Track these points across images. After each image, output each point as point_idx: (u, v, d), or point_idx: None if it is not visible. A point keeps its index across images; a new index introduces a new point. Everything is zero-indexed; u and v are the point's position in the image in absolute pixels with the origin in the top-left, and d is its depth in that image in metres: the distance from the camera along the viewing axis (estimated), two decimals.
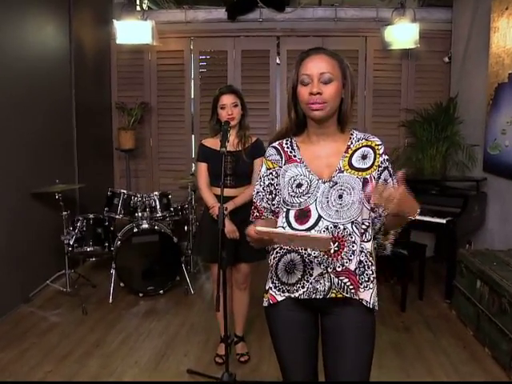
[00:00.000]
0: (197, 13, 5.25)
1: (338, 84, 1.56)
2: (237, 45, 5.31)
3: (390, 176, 1.64)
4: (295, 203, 1.60)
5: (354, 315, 1.60)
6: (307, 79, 1.55)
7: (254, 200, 1.74)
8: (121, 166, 5.47)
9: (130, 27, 4.74)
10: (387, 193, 1.38)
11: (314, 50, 1.60)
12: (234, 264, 2.87)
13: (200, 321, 3.61)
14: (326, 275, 1.56)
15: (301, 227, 1.58)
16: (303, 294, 1.59)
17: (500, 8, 3.74)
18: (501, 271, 3.11)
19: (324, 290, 1.56)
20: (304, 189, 1.60)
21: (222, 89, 2.81)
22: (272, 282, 1.68)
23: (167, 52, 5.29)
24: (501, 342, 2.88)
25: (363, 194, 1.56)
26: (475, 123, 4.29)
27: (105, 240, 4.13)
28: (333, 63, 1.56)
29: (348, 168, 1.60)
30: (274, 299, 1.65)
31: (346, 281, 1.55)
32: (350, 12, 5.12)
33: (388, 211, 1.42)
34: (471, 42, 4.44)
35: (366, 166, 1.60)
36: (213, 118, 2.84)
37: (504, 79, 3.69)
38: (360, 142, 1.64)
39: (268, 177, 1.70)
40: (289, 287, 1.62)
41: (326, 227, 1.55)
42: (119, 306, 3.89)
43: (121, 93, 5.34)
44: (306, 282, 1.58)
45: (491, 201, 4.01)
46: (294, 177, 1.63)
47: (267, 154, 1.73)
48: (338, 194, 1.57)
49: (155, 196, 4.29)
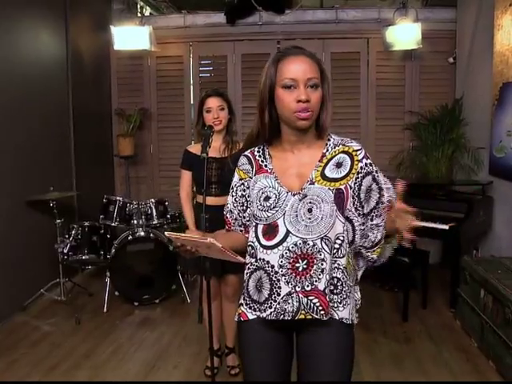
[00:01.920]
0: (196, 17, 5.20)
1: (321, 89, 1.45)
2: (237, 49, 5.24)
3: (375, 181, 1.50)
4: (263, 217, 1.49)
5: (330, 335, 1.47)
6: (291, 83, 1.41)
7: (224, 212, 1.64)
8: (121, 172, 5.42)
9: (128, 33, 4.70)
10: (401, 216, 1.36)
11: (294, 50, 1.47)
12: (221, 276, 2.77)
13: (194, 332, 3.50)
14: (295, 295, 1.44)
15: (269, 243, 1.47)
16: (271, 315, 1.47)
17: (503, 4, 3.59)
18: (505, 280, 2.95)
19: (292, 311, 1.44)
20: (272, 202, 1.48)
21: (208, 91, 2.72)
22: (243, 299, 1.57)
23: (166, 57, 5.25)
24: (505, 356, 2.72)
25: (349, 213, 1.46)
26: (481, 125, 4.13)
27: (100, 248, 4.08)
28: (315, 66, 1.44)
29: (320, 179, 1.47)
30: (245, 317, 1.54)
31: (316, 301, 1.43)
32: (351, 13, 5.01)
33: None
34: (475, 41, 4.29)
35: (340, 176, 1.47)
36: (199, 123, 2.74)
37: (509, 78, 3.54)
38: (336, 149, 1.51)
39: (240, 187, 1.59)
40: (259, 306, 1.50)
41: (295, 243, 1.43)
42: (114, 315, 3.81)
43: (120, 99, 5.30)
44: (274, 301, 1.46)
45: (498, 205, 3.84)
46: (263, 189, 1.51)
47: (239, 163, 1.61)
48: (307, 207, 1.44)
49: (151, 203, 4.22)
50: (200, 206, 2.68)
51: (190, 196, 2.79)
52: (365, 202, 1.50)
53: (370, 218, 1.51)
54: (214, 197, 2.66)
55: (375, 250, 1.53)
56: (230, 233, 1.63)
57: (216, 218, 2.58)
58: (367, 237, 1.52)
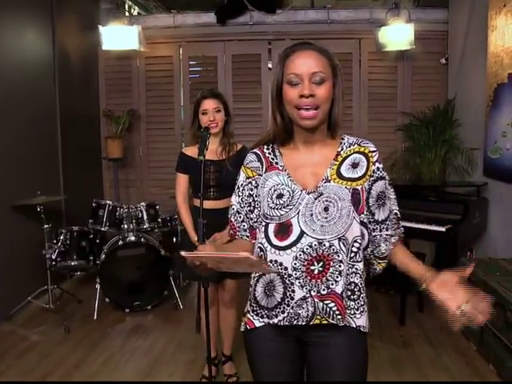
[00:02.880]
0: (185, 17, 5.11)
1: (330, 84, 1.38)
2: (227, 49, 5.16)
3: (386, 187, 1.47)
4: (275, 216, 1.41)
5: (343, 346, 1.41)
6: (296, 79, 1.35)
7: (229, 215, 1.54)
8: (110, 175, 5.30)
9: (116, 33, 4.59)
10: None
11: (301, 46, 1.41)
12: (219, 281, 2.69)
13: (188, 339, 3.41)
14: (310, 299, 1.37)
15: (281, 243, 1.39)
16: (283, 320, 1.40)
17: (497, 5, 3.58)
18: (505, 282, 2.92)
19: (307, 316, 1.37)
20: (285, 200, 1.40)
21: (204, 93, 2.63)
22: (250, 305, 1.49)
23: (156, 58, 5.15)
24: (506, 359, 2.69)
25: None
26: (474, 126, 4.11)
27: (90, 253, 3.97)
28: (323, 60, 1.37)
29: (336, 177, 1.41)
30: (252, 324, 1.47)
31: (332, 305, 1.36)
32: (343, 14, 4.97)
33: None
34: (468, 42, 4.28)
35: (357, 176, 1.42)
36: (194, 125, 2.65)
37: (503, 79, 3.52)
38: (351, 148, 1.46)
39: (247, 186, 1.51)
40: (268, 312, 1.43)
41: (310, 244, 1.36)
42: (104, 322, 3.70)
43: (108, 100, 5.18)
44: (287, 306, 1.39)
45: (493, 206, 3.82)
46: (275, 186, 1.43)
47: (246, 160, 1.53)
48: (323, 206, 1.38)
49: (142, 207, 4.13)
50: (197, 210, 2.61)
51: (187, 200, 2.70)
52: (376, 208, 1.46)
53: (384, 227, 1.47)
54: (213, 200, 2.58)
55: (383, 262, 1.50)
56: (236, 242, 1.53)
57: (214, 221, 2.52)
58: (379, 246, 1.48)
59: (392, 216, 1.49)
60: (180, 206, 2.68)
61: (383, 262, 1.50)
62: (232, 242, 1.55)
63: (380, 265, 1.50)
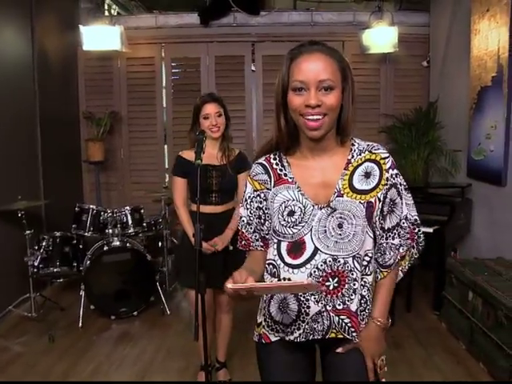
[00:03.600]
0: (168, 18, 5.03)
1: (339, 91, 1.29)
2: (210, 50, 5.11)
3: (399, 195, 1.40)
4: (287, 234, 1.36)
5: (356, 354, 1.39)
6: (301, 86, 1.27)
7: (240, 227, 1.49)
8: (90, 179, 5.18)
9: (98, 33, 4.48)
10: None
11: (308, 47, 1.31)
12: (221, 286, 2.64)
13: (177, 345, 3.36)
14: (325, 313, 1.34)
15: (295, 262, 1.35)
16: (299, 337, 1.37)
17: (480, 10, 3.65)
18: (494, 282, 2.97)
19: (323, 330, 1.35)
20: (297, 217, 1.34)
21: (205, 97, 2.58)
22: (265, 320, 1.45)
23: (137, 59, 5.05)
24: (498, 358, 2.73)
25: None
26: (457, 128, 4.18)
27: (73, 259, 3.86)
28: (332, 64, 1.28)
29: (349, 190, 1.35)
30: (268, 339, 1.44)
31: (347, 321, 1.35)
32: (326, 16, 4.99)
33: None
34: (451, 46, 4.35)
35: (369, 187, 1.36)
36: (194, 129, 2.58)
37: (487, 82, 3.59)
38: (362, 156, 1.39)
39: (256, 199, 1.44)
40: (283, 327, 1.40)
41: (324, 261, 1.33)
42: (90, 330, 3.60)
43: (89, 102, 5.06)
44: (302, 322, 1.36)
45: (477, 207, 3.89)
46: (285, 202, 1.37)
47: (253, 172, 1.46)
48: (337, 222, 1.33)
49: (127, 211, 4.05)
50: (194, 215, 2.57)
51: (186, 204, 2.64)
52: (387, 215, 1.41)
53: (391, 235, 1.42)
54: (214, 205, 2.55)
55: (385, 271, 1.44)
56: (253, 256, 1.49)
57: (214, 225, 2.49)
58: (384, 254, 1.43)
59: (406, 224, 1.43)
60: (180, 210, 2.62)
61: (386, 271, 1.43)
62: (249, 256, 1.50)
63: (382, 273, 1.43)
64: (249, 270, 1.33)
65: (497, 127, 3.48)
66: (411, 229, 1.45)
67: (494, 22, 3.46)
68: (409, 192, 1.44)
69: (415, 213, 1.45)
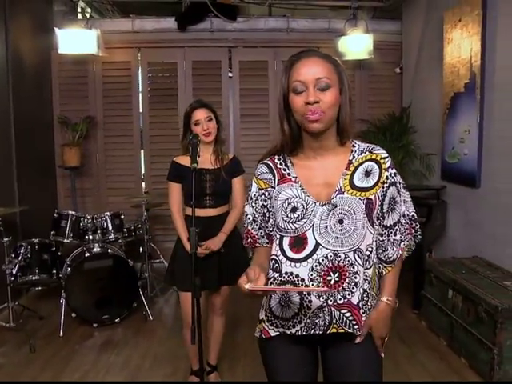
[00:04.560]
0: (144, 22, 5.01)
1: (336, 90, 1.36)
2: (187, 55, 5.12)
3: (398, 193, 1.48)
4: (290, 229, 1.42)
5: (359, 349, 1.44)
6: (301, 87, 1.34)
7: (245, 225, 1.55)
8: (64, 185, 5.08)
9: (74, 36, 4.41)
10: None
11: (306, 53, 1.39)
12: (217, 288, 2.66)
13: (163, 351, 3.33)
14: (326, 308, 1.39)
15: (296, 256, 1.40)
16: (300, 330, 1.41)
17: (453, 19, 3.81)
18: (473, 280, 3.11)
19: (324, 325, 1.40)
20: (299, 213, 1.41)
21: (193, 104, 2.60)
22: (265, 315, 1.49)
23: (113, 63, 5.00)
24: (479, 352, 2.85)
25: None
26: (431, 132, 4.34)
27: (52, 267, 3.76)
28: (328, 67, 1.36)
29: (349, 188, 1.41)
30: (267, 334, 1.48)
31: (349, 315, 1.39)
32: (302, 23, 5.09)
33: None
34: (423, 53, 4.52)
35: (369, 185, 1.42)
36: (186, 136, 2.60)
37: (460, 89, 3.75)
38: (363, 156, 1.45)
39: (260, 198, 1.51)
40: (283, 322, 1.44)
41: (325, 256, 1.38)
42: (72, 339, 3.52)
43: (63, 106, 4.96)
44: (304, 316, 1.41)
45: (452, 209, 4.05)
46: (289, 199, 1.43)
47: (258, 172, 1.52)
48: (337, 218, 1.39)
49: (107, 216, 4.00)
50: (190, 219, 2.57)
51: (181, 210, 2.65)
52: (386, 213, 1.47)
53: (392, 231, 1.49)
54: (209, 208, 2.57)
55: (389, 266, 1.51)
56: (258, 252, 1.55)
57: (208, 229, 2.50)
58: (386, 250, 1.50)
59: (405, 220, 1.50)
60: (175, 216, 2.62)
61: (389, 266, 1.51)
62: (256, 253, 1.55)
63: (386, 269, 1.51)
64: (260, 266, 1.39)
65: (470, 131, 3.64)
66: (409, 224, 1.52)
67: (466, 31, 3.63)
68: (407, 190, 1.52)
69: (412, 209, 1.52)
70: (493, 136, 3.44)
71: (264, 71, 5.17)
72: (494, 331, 2.70)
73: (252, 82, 5.17)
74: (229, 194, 2.70)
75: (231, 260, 2.65)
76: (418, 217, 3.62)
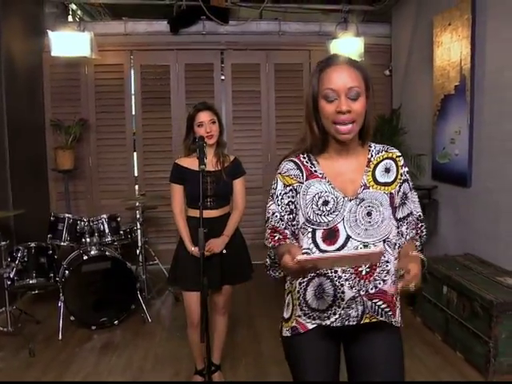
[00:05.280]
0: (137, 25, 5.02)
1: (364, 98, 1.44)
2: (179, 58, 5.15)
3: (410, 189, 1.57)
4: (322, 222, 1.46)
5: (384, 342, 1.50)
6: (333, 94, 1.40)
7: (272, 222, 1.53)
8: (57, 188, 5.06)
9: (67, 39, 4.39)
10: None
11: (335, 60, 1.46)
12: (219, 287, 2.70)
13: (164, 351, 3.36)
14: (359, 299, 1.45)
15: (329, 248, 1.45)
16: (335, 322, 1.47)
17: (442, 23, 3.92)
18: (466, 276, 3.20)
19: (357, 316, 1.45)
20: (331, 206, 1.46)
21: (198, 106, 2.63)
22: (301, 309, 1.52)
23: (105, 66, 5.00)
24: (474, 346, 2.94)
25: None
26: (421, 133, 4.44)
27: (49, 270, 3.74)
28: (357, 75, 1.43)
29: (373, 183, 1.50)
30: (305, 328, 1.52)
31: (381, 303, 1.45)
32: (293, 26, 5.16)
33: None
34: (413, 56, 4.62)
35: (390, 180, 1.52)
36: (188, 137, 2.64)
37: (450, 91, 3.86)
38: (380, 155, 1.55)
39: (287, 194, 1.52)
40: (320, 313, 1.49)
41: (356, 247, 1.44)
42: (71, 342, 3.51)
43: (55, 109, 4.94)
44: (338, 307, 1.46)
45: (443, 208, 4.15)
46: (319, 193, 1.48)
47: (283, 169, 1.55)
48: (366, 211, 1.46)
49: (103, 219, 4.00)
50: (192, 220, 2.61)
51: (183, 211, 2.68)
52: (398, 207, 1.54)
53: (401, 224, 1.56)
54: (210, 210, 2.60)
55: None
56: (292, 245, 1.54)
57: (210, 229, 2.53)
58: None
59: (412, 218, 1.57)
60: (177, 217, 2.66)
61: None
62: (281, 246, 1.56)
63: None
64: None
65: (461, 132, 3.75)
66: (416, 222, 1.60)
67: (456, 35, 3.73)
68: (414, 191, 1.61)
69: (420, 210, 1.62)
70: (483, 137, 3.55)
71: (256, 74, 5.23)
72: (489, 325, 2.80)
73: (244, 85, 5.23)
74: (230, 195, 2.74)
75: (233, 260, 2.69)
76: None
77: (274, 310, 4.04)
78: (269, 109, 5.30)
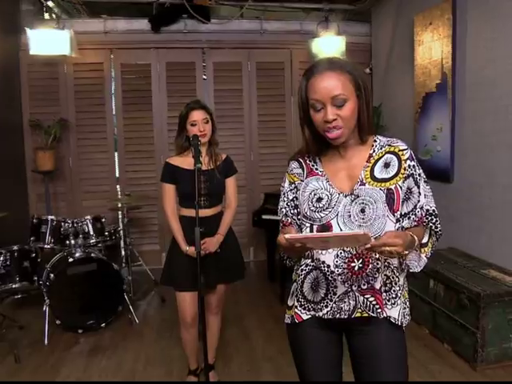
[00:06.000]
0: (117, 23, 4.95)
1: (353, 102, 1.43)
2: (160, 57, 5.10)
3: (416, 184, 1.53)
4: (316, 218, 1.51)
5: (383, 335, 1.52)
6: (319, 104, 1.42)
7: (280, 217, 1.64)
8: (36, 189, 4.95)
9: (46, 37, 4.29)
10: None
11: (318, 68, 1.45)
12: (214, 286, 2.68)
13: (155, 352, 3.33)
14: (351, 293, 1.49)
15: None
16: (327, 314, 1.51)
17: (423, 23, 3.99)
18: (452, 269, 3.28)
19: (349, 310, 1.49)
20: (324, 203, 1.51)
21: (191, 104, 2.61)
22: (298, 300, 1.59)
23: (85, 64, 4.91)
24: (462, 337, 3.02)
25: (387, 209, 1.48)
26: (403, 130, 4.52)
27: (33, 274, 3.67)
28: (343, 79, 1.42)
29: (370, 180, 1.50)
30: (300, 318, 1.58)
31: (372, 299, 1.49)
32: (275, 25, 5.18)
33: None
34: (393, 54, 4.70)
35: (389, 176, 1.50)
36: (181, 136, 2.61)
37: (432, 89, 3.94)
38: (383, 150, 1.53)
39: (292, 191, 1.62)
40: (314, 305, 1.55)
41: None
42: (58, 346, 3.44)
43: (34, 109, 4.83)
44: (330, 301, 1.51)
45: None
46: (315, 190, 1.54)
47: (290, 168, 1.63)
48: (359, 207, 1.48)
49: (88, 220, 3.93)
50: (185, 220, 2.59)
51: (175, 211, 2.65)
52: (402, 202, 1.53)
53: (402, 219, 1.53)
54: (203, 209, 2.57)
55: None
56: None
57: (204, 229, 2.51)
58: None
59: (420, 212, 1.52)
60: (170, 217, 2.62)
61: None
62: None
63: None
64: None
65: (443, 129, 3.83)
66: (422, 216, 1.54)
67: (436, 34, 3.82)
68: (427, 184, 1.57)
69: (433, 204, 1.56)
70: (465, 133, 3.64)
71: (238, 72, 5.23)
72: (477, 317, 2.88)
73: (226, 83, 5.22)
74: (223, 194, 2.73)
75: (227, 258, 2.69)
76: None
77: (261, 307, 4.13)
78: (251, 107, 5.31)
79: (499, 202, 3.34)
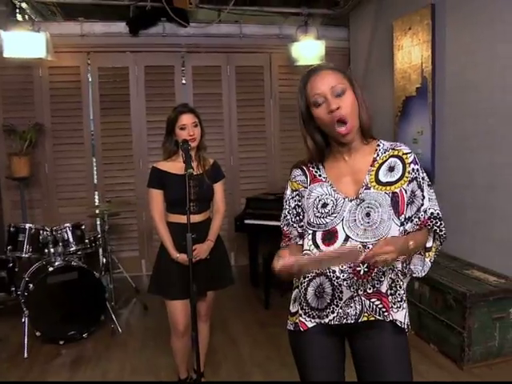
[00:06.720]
0: (94, 26, 4.84)
1: (352, 93, 1.48)
2: (139, 60, 5.02)
3: (420, 187, 1.53)
4: (321, 224, 1.51)
5: (388, 338, 1.52)
6: (320, 98, 1.46)
7: (282, 226, 1.64)
8: (10, 196, 4.79)
9: (20, 39, 4.16)
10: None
11: (314, 70, 1.52)
12: (204, 294, 2.63)
13: (140, 362, 3.25)
14: (357, 298, 1.48)
15: (328, 249, 1.48)
16: (333, 320, 1.50)
17: (402, 28, 4.06)
18: (436, 270, 3.32)
19: (355, 314, 1.49)
20: (330, 209, 1.51)
21: (180, 108, 2.56)
22: (302, 308, 1.57)
23: (61, 68, 4.78)
24: (448, 337, 3.06)
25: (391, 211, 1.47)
26: (382, 134, 4.44)
27: (10, 284, 3.55)
28: (338, 75, 1.49)
29: (375, 184, 1.51)
30: (305, 326, 1.55)
31: (378, 303, 1.48)
32: (253, 29, 5.17)
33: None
34: (372, 58, 4.76)
35: (394, 179, 1.51)
36: (169, 140, 2.55)
37: (412, 93, 4.00)
38: (387, 154, 1.55)
39: (294, 199, 1.63)
40: (319, 312, 1.53)
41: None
42: (38, 359, 3.32)
43: (8, 113, 4.67)
44: (336, 306, 1.50)
45: None
46: (319, 197, 1.54)
47: (292, 175, 1.63)
48: (365, 212, 1.48)
49: (67, 228, 3.83)
50: (174, 226, 2.54)
51: (163, 217, 2.58)
52: (406, 205, 1.53)
53: (405, 222, 1.53)
54: (193, 215, 2.51)
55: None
56: (291, 247, 1.62)
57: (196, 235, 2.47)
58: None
59: (424, 216, 1.53)
60: (158, 223, 2.55)
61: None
62: (287, 248, 1.64)
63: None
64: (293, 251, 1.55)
65: (423, 132, 3.89)
66: (425, 220, 1.54)
67: (416, 39, 3.88)
68: (431, 188, 1.58)
69: (437, 207, 1.57)
70: (446, 136, 3.71)
71: (217, 76, 5.20)
72: (463, 316, 2.92)
73: (205, 87, 5.18)
74: (211, 199, 2.69)
75: (215, 265, 2.65)
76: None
77: (246, 313, 4.09)
78: (230, 111, 5.28)
79: (481, 202, 3.41)
